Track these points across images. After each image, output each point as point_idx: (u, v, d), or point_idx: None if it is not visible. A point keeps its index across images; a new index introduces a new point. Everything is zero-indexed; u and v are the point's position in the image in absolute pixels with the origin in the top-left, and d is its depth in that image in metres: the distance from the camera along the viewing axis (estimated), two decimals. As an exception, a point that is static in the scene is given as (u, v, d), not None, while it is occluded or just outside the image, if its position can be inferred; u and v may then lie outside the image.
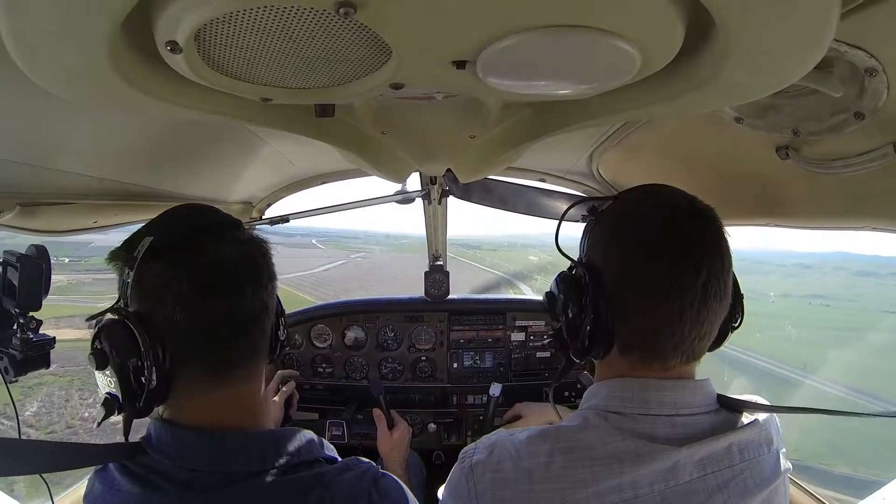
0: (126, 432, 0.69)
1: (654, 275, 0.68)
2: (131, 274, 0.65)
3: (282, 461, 0.69)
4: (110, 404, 0.66)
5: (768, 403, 0.77)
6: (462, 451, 0.76)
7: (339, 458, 0.78)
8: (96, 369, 0.66)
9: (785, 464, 0.75)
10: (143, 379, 0.64)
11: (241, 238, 0.74)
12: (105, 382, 0.66)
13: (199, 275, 0.67)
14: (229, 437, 0.68)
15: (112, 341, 0.64)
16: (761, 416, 0.75)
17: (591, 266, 0.74)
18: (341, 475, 0.71)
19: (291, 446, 0.72)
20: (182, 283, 0.65)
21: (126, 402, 0.65)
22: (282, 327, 0.83)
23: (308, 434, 0.76)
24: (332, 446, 0.80)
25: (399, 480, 0.78)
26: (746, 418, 0.74)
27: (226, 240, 0.71)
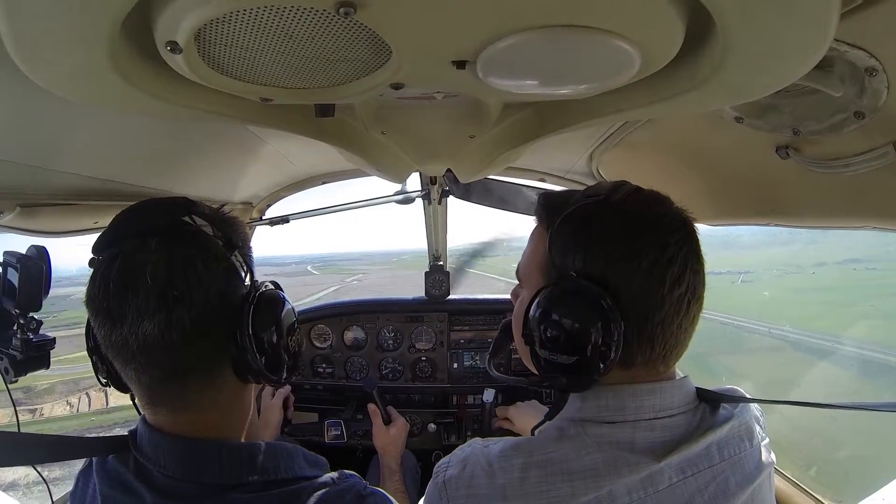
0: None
1: (669, 284, 0.64)
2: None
3: (257, 476, 0.66)
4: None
5: (747, 395, 0.76)
6: (436, 466, 0.73)
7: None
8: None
9: (769, 457, 0.73)
10: (99, 375, 0.72)
11: (174, 245, 0.63)
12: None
13: (105, 294, 0.61)
14: (202, 447, 0.66)
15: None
16: (739, 408, 0.73)
17: (602, 281, 0.64)
18: (321, 490, 0.67)
19: (270, 462, 0.68)
20: (98, 301, 0.62)
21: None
22: (256, 341, 0.67)
23: (294, 450, 0.72)
24: (325, 462, 0.75)
25: (389, 496, 0.74)
26: (725, 412, 0.71)
27: (149, 249, 0.62)
